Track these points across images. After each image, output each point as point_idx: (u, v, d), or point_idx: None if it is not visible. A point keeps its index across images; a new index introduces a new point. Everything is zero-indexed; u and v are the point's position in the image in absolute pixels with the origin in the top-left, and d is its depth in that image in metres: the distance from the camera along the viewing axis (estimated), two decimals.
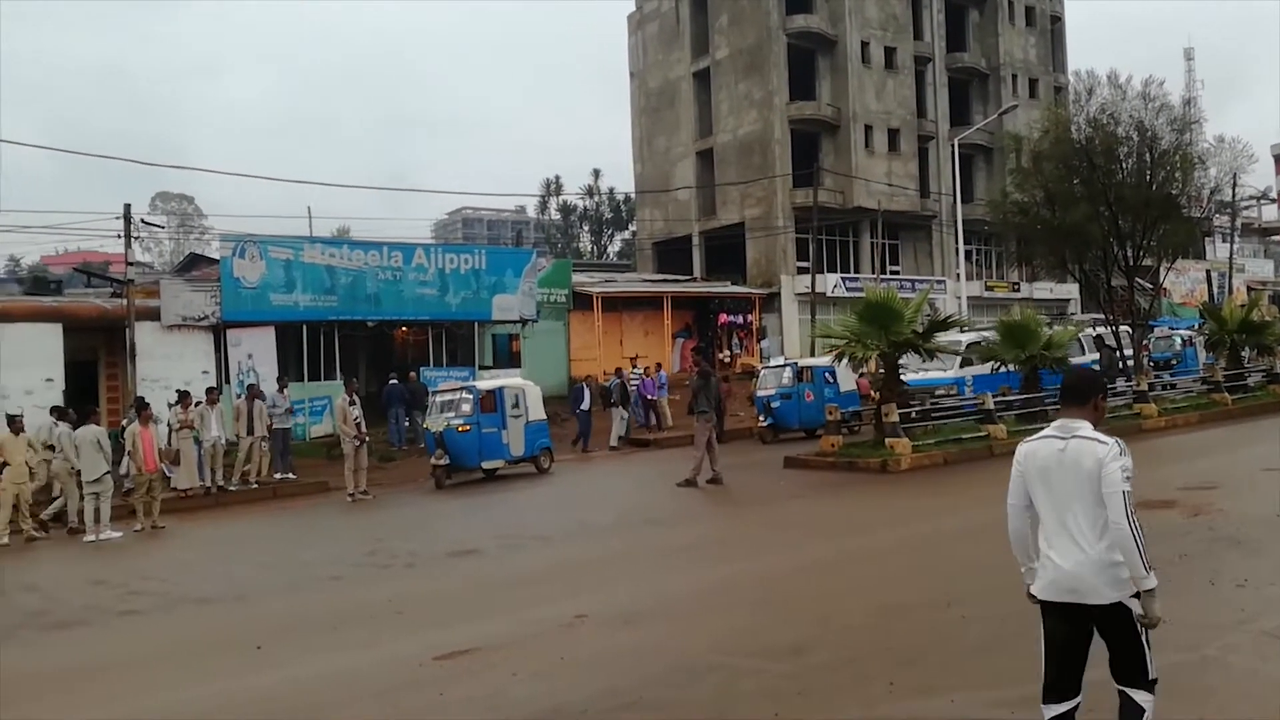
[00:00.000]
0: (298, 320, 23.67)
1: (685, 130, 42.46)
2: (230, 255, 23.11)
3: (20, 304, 22.59)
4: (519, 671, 6.03)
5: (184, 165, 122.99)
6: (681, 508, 13.18)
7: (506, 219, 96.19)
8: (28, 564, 12.49)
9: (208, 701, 6.02)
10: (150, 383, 21.15)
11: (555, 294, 30.71)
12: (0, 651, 7.78)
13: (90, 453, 13.83)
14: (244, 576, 10.44)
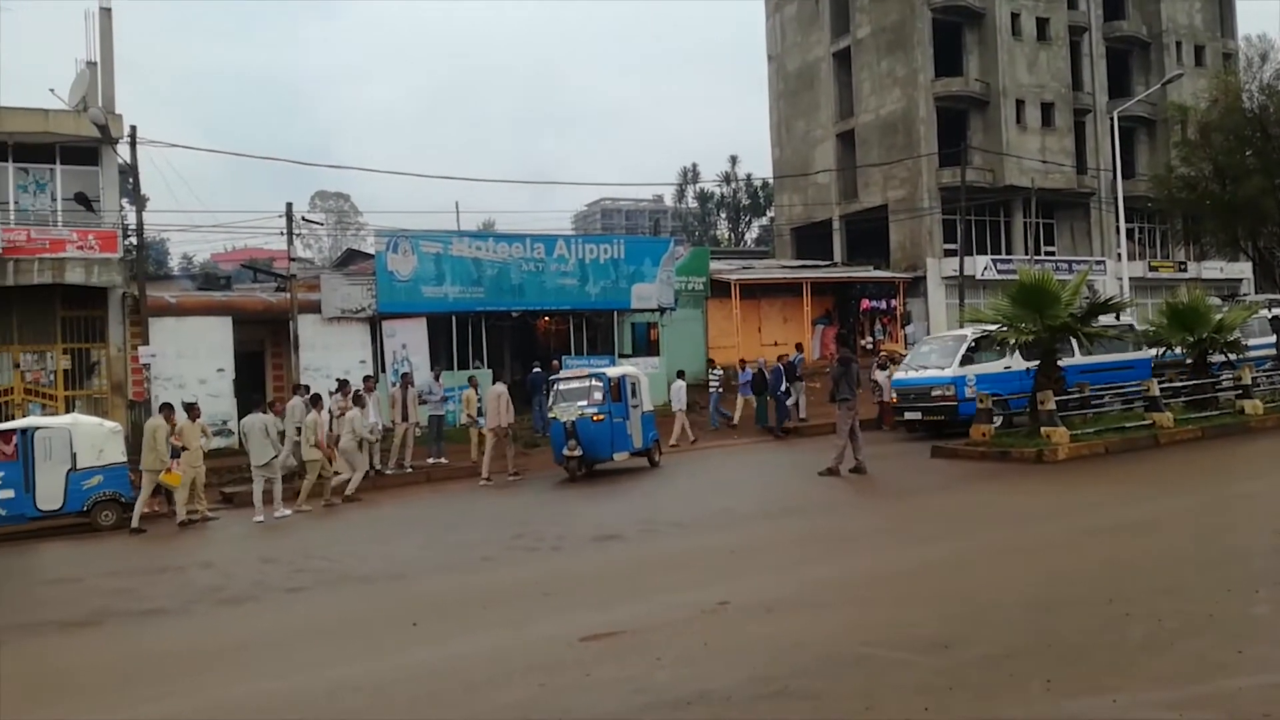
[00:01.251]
0: (447, 311, 24.50)
1: (825, 112, 41.73)
2: (384, 250, 24.10)
3: (194, 299, 24.22)
4: (663, 656, 6.10)
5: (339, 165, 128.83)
6: (823, 497, 13.01)
7: (644, 208, 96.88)
8: (205, 542, 13.42)
9: (373, 676, 6.32)
10: (312, 372, 22.33)
11: (693, 282, 30.74)
12: (178, 624, 8.40)
13: (259, 439, 14.79)
14: (401, 556, 10.91)
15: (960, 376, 18.79)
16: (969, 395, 18.12)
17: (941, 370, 19.20)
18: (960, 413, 18.40)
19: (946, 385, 18.94)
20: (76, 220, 21.14)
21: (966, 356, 18.96)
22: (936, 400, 19.01)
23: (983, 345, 18.86)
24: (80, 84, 22.25)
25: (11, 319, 20.85)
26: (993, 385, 18.29)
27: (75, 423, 15.58)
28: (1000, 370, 18.97)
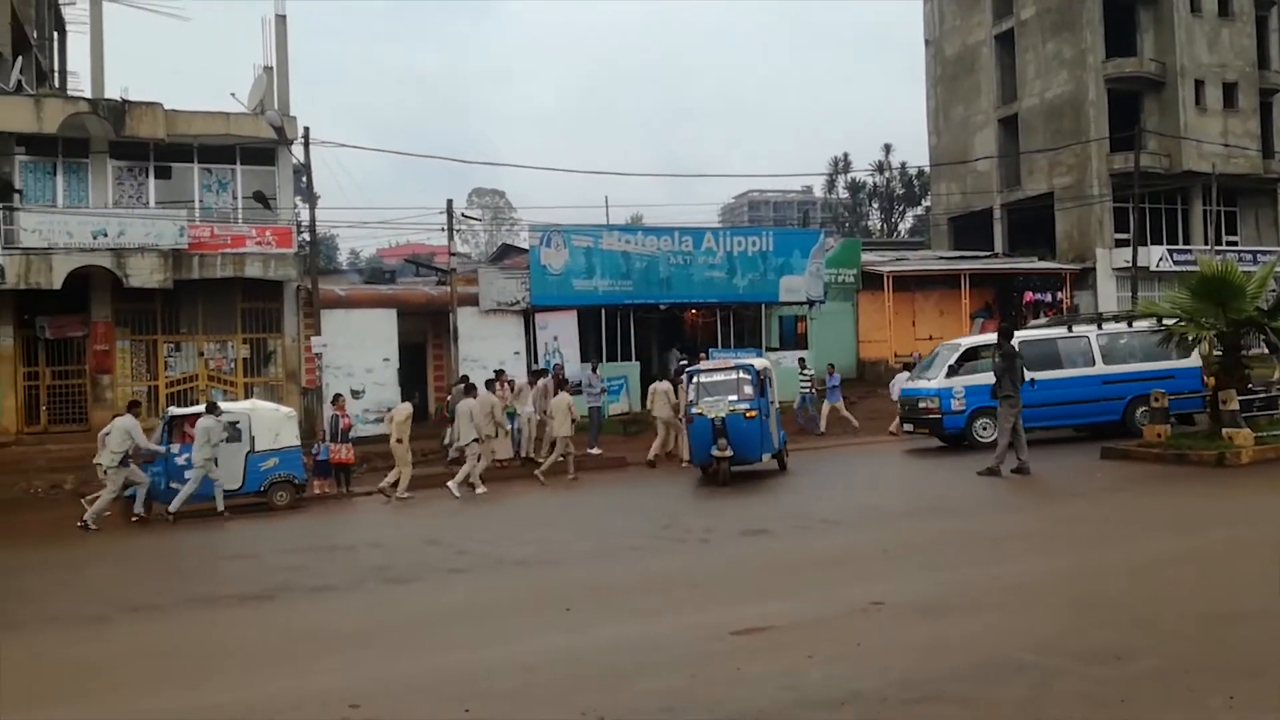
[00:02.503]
0: (597, 304, 24.89)
1: (986, 97, 40.15)
2: (538, 244, 24.70)
3: (362, 292, 25.47)
4: (815, 653, 6.01)
5: (495, 162, 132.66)
6: (982, 497, 12.54)
7: (792, 200, 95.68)
8: (373, 523, 14.12)
9: (527, 657, 6.49)
10: (470, 362, 23.11)
11: (844, 274, 30.19)
12: (347, 600, 8.85)
13: (464, 422, 16.10)
14: (555, 542, 11.18)
15: (946, 389, 17.61)
16: (955, 408, 17.35)
17: (929, 381, 18.17)
18: (945, 426, 17.57)
19: (931, 397, 17.87)
20: (255, 217, 22.53)
21: (955, 367, 17.76)
22: (923, 412, 18.00)
23: (981, 354, 17.65)
24: (258, 88, 23.70)
25: (197, 311, 22.42)
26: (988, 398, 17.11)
27: (254, 408, 16.62)
28: None
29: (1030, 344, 17.65)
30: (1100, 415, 17.45)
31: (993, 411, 16.67)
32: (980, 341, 18.58)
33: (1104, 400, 17.36)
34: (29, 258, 19.83)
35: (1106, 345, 17.72)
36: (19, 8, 24.27)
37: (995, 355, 14.61)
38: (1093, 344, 17.53)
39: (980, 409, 17.02)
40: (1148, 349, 17.35)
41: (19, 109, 20.66)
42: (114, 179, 21.95)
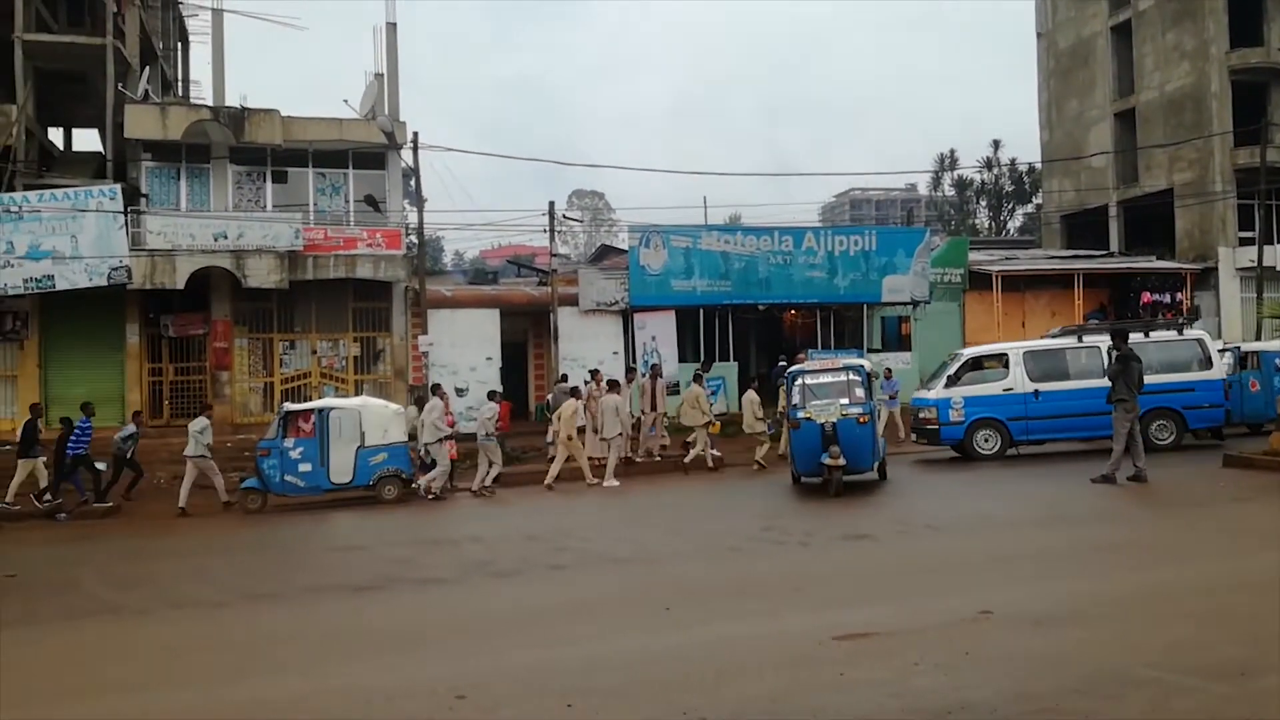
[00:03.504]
0: (695, 304, 24.88)
1: (1101, 91, 38.68)
2: (637, 245, 24.83)
3: (467, 293, 26.01)
4: (921, 661, 5.89)
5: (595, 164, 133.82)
6: (1097, 506, 12.08)
7: (896, 198, 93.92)
8: (475, 517, 14.41)
9: (626, 654, 6.55)
10: (569, 361, 23.38)
11: (950, 274, 29.47)
12: (452, 593, 9.06)
13: (610, 416, 17.05)
14: (654, 541, 11.22)
15: (944, 399, 17.32)
16: (953, 419, 17.12)
17: (929, 391, 17.91)
18: (943, 437, 17.36)
19: (929, 407, 17.57)
20: (365, 220, 23.22)
21: (955, 377, 17.54)
22: (923, 423, 17.77)
23: (985, 365, 17.51)
24: (369, 94, 24.42)
25: (310, 310, 23.23)
26: (990, 408, 17.00)
27: (364, 404, 17.14)
28: (999, 392, 17.21)
29: (1037, 355, 17.54)
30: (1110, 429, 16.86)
31: (994, 424, 16.94)
32: (985, 352, 18.48)
33: None
34: (154, 259, 20.84)
35: None
36: (146, 20, 25.54)
37: (1110, 358, 14.07)
38: (1103, 354, 16.83)
39: (981, 420, 17.04)
40: (1166, 360, 16.90)
41: (146, 117, 21.74)
42: (234, 183, 22.91)
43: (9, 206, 20.16)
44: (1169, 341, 17.18)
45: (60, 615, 8.84)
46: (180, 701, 6.12)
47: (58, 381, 21.65)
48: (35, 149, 22.59)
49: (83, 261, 20.24)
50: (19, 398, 21.09)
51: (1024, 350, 17.72)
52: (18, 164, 21.05)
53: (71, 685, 6.65)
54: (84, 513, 16.13)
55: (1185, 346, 17.44)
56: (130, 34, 23.70)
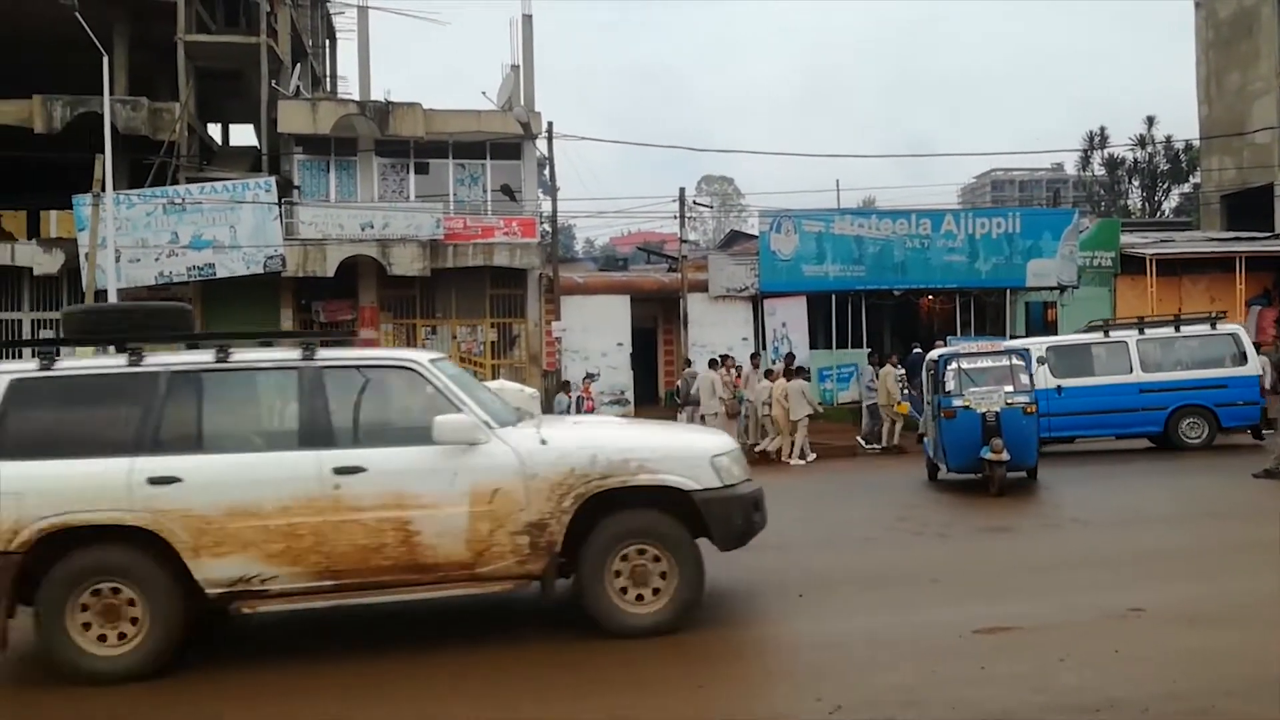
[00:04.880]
0: (827, 290, 24.53)
1: (1266, 62, 36.10)
2: (767, 230, 24.64)
3: (598, 279, 26.36)
4: (1067, 657, 5.71)
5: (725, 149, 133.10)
6: (1257, 502, 11.37)
7: (1041, 178, 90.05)
8: None
9: (762, 641, 6.58)
10: (699, 348, 23.44)
11: (1100, 257, 28.13)
12: None
13: (798, 399, 17.39)
14: (783, 528, 11.13)
15: None
16: None
17: None
18: None
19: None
20: (502, 209, 23.81)
21: None
22: None
23: None
24: (506, 86, 24.98)
25: (451, 297, 24.00)
26: None
27: (501, 388, 17.40)
28: None
29: (1060, 350, 16.86)
30: (1138, 426, 16.44)
31: None
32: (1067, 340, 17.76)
33: (1142, 410, 16.13)
34: (306, 248, 21.91)
35: (1146, 351, 16.46)
36: (297, 19, 26.78)
37: (1276, 344, 13.22)
38: (1130, 350, 16.28)
39: None
40: (1198, 356, 16.25)
41: (298, 112, 22.83)
42: (379, 175, 23.84)
43: (174, 199, 21.53)
44: (1202, 336, 16.43)
45: None
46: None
47: None
48: (196, 144, 24.01)
49: (241, 250, 21.45)
50: None
51: (1047, 345, 17.20)
52: (181, 158, 22.42)
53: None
54: None
55: (1219, 342, 16.57)
56: (282, 33, 24.90)
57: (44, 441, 6.14)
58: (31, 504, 5.87)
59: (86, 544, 5.97)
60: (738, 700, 5.53)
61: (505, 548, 6.22)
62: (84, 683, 5.91)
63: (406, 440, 6.39)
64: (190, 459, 6.12)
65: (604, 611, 6.40)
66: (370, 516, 6.10)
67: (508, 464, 6.26)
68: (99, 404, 6.28)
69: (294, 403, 6.37)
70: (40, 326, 22.70)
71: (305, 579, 6.12)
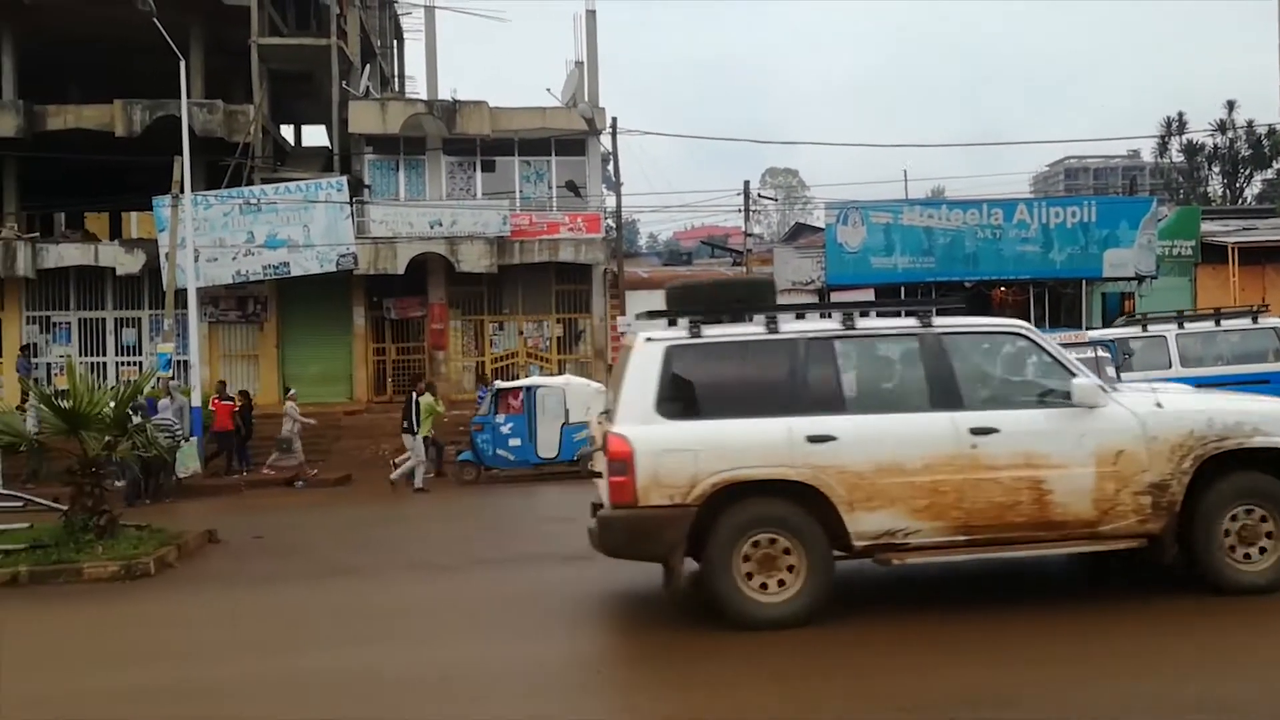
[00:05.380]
0: (896, 282, 24.20)
1: None
2: (834, 222, 24.38)
3: (663, 274, 26.35)
4: None
5: (791, 141, 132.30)
6: None
7: (1116, 166, 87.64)
8: None
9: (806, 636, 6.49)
10: None
11: (1179, 246, 27.29)
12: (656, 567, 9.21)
13: None
14: None
15: None
16: None
17: None
18: None
19: None
20: (566, 205, 23.93)
21: None
22: None
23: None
24: (570, 82, 25.07)
25: (517, 293, 24.20)
26: None
27: (568, 383, 17.73)
28: None
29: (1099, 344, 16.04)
30: None
31: None
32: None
33: None
34: (377, 246, 22.27)
35: (1186, 346, 15.73)
36: (365, 20, 27.21)
37: None
38: (1170, 344, 15.61)
39: None
40: (1241, 351, 15.46)
41: (367, 112, 23.21)
42: (446, 173, 24.12)
43: (249, 199, 22.04)
44: (1242, 331, 15.62)
45: (303, 575, 9.62)
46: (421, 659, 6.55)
47: (293, 360, 23.55)
48: (270, 145, 24.56)
49: (314, 249, 21.88)
50: (260, 376, 23.08)
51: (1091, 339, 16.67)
52: (256, 159, 22.95)
53: (314, 637, 7.24)
54: (318, 480, 17.49)
55: (1260, 336, 15.75)
56: (351, 34, 25.32)
57: (704, 402, 6.58)
58: (706, 460, 6.27)
59: (748, 498, 6.35)
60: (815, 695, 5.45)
61: (1128, 507, 6.42)
62: (748, 628, 6.25)
63: (1023, 402, 6.78)
64: (841, 419, 6.43)
65: (1217, 570, 6.51)
66: (1006, 475, 6.38)
67: (1129, 426, 6.48)
68: (747, 367, 6.74)
69: (920, 367, 6.69)
70: (123, 325, 23.45)
71: (943, 534, 6.40)
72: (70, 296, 23.31)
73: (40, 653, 7.26)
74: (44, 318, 23.30)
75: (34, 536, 10.31)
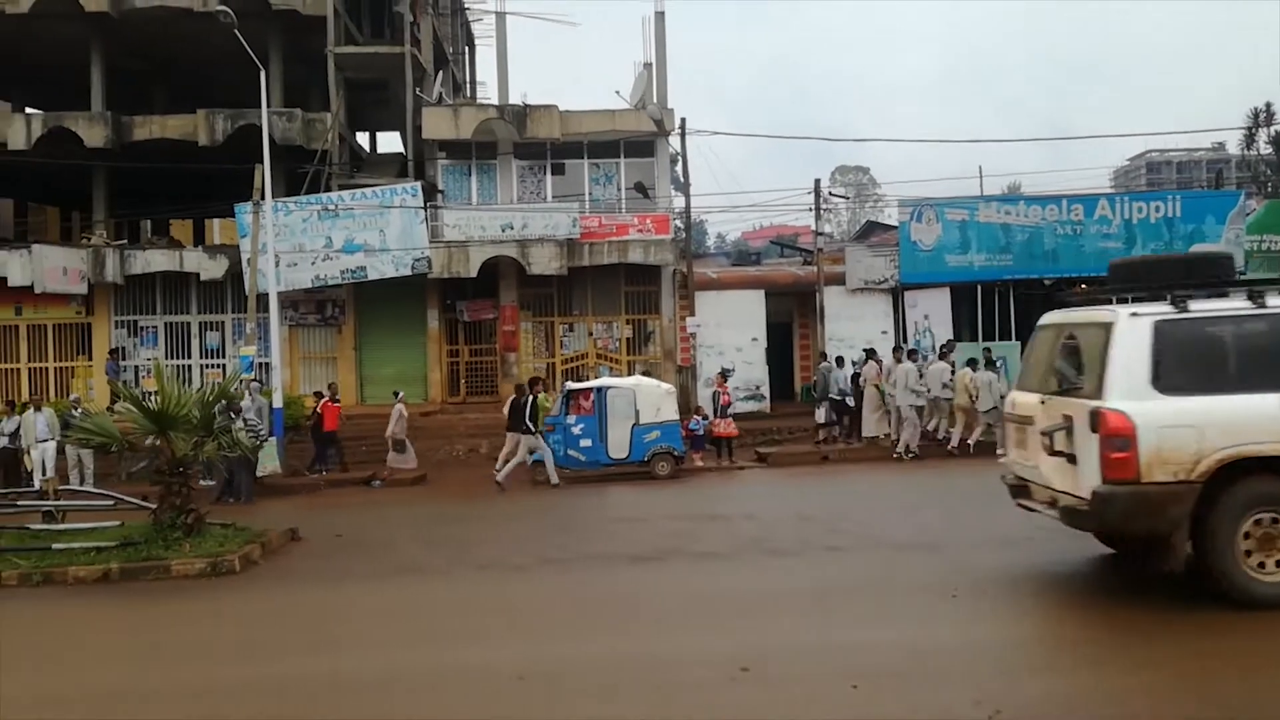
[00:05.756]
0: (972, 280, 23.74)
1: None
2: (907, 220, 24.00)
3: (732, 274, 26.23)
4: None
5: (862, 138, 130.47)
6: None
7: (1200, 159, 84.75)
8: (748, 495, 14.57)
9: (915, 641, 6.40)
10: (836, 342, 23.04)
11: (1268, 241, 26.24)
12: (729, 568, 9.21)
13: (985, 392, 17.38)
14: (933, 526, 10.86)
15: None
16: None
17: None
18: None
19: None
20: (635, 206, 23.97)
21: None
22: None
23: None
24: (639, 84, 25.10)
25: (587, 294, 24.31)
26: None
27: (638, 384, 17.77)
28: None
29: None
30: None
31: None
32: None
33: None
34: (450, 250, 22.59)
35: None
36: (438, 28, 27.60)
37: None
38: None
39: None
40: None
41: (440, 118, 23.55)
42: (517, 177, 24.35)
43: (327, 205, 22.54)
44: None
45: (387, 571, 9.81)
46: (506, 654, 6.64)
47: (370, 362, 24.03)
48: (346, 152, 25.05)
49: (389, 253, 22.28)
50: (338, 377, 23.57)
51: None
52: (333, 166, 23.46)
53: (404, 635, 7.39)
54: (394, 480, 17.80)
55: None
56: (425, 42, 25.71)
57: (1199, 377, 6.64)
58: (1211, 436, 6.37)
59: (1251, 475, 6.42)
60: (894, 698, 5.38)
61: None
62: (1248, 607, 6.35)
63: None
64: None
65: None
66: None
67: None
68: (1238, 342, 6.74)
69: None
70: (207, 329, 24.17)
71: None
72: (157, 301, 24.10)
73: (134, 647, 7.53)
74: (131, 322, 24.13)
75: (124, 534, 10.70)
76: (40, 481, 16.53)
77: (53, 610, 8.92)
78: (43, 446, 17.30)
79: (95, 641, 7.81)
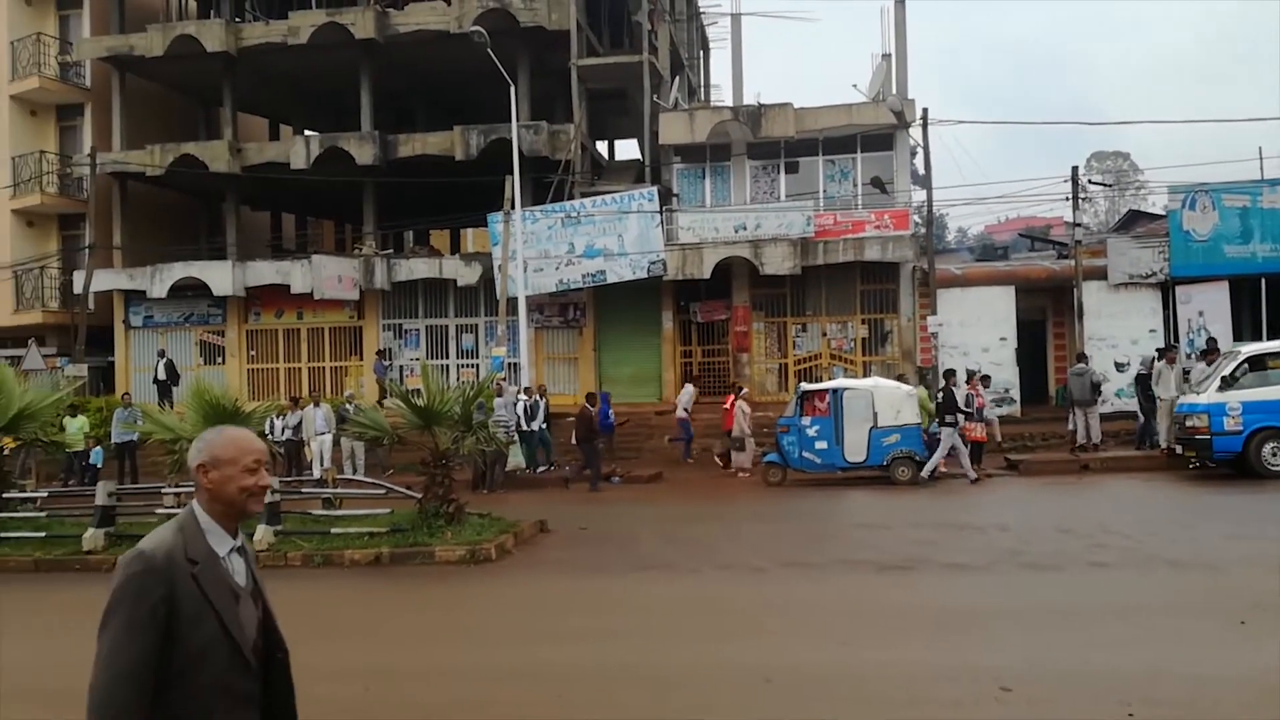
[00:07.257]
0: (1254, 273, 21.42)
1: None
2: (1178, 208, 22.01)
3: (978, 270, 25.00)
4: None
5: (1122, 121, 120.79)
6: None
7: None
8: (998, 503, 13.87)
9: (1198, 666, 5.87)
10: (1096, 341, 21.48)
11: None
12: (981, 580, 8.76)
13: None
14: (1208, 542, 9.92)
15: (1218, 404, 14.84)
16: (1229, 428, 14.68)
17: (1198, 395, 15.48)
18: (1215, 449, 14.86)
19: (1200, 414, 15.13)
20: (872, 202, 23.34)
21: (1233, 378, 15.03)
22: (1190, 432, 15.32)
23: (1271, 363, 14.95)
24: (878, 76, 24.45)
25: (820, 293, 23.93)
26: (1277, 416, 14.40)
27: (876, 386, 17.29)
28: None
29: None
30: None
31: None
32: (1271, 349, 15.55)
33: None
34: (684, 252, 22.91)
35: None
36: (674, 34, 28.07)
37: None
38: None
39: (1266, 430, 14.59)
40: None
41: (676, 123, 23.93)
42: (750, 177, 24.34)
43: (570, 213, 23.45)
44: None
45: (630, 566, 10.07)
46: (751, 655, 6.66)
47: (608, 363, 24.78)
48: (588, 161, 25.97)
49: (627, 257, 22.89)
50: (578, 376, 24.48)
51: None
52: (576, 175, 24.37)
53: (651, 629, 7.56)
54: (632, 477, 18.25)
55: None
56: (661, 49, 26.23)
57: None
58: None
59: None
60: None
61: None
62: None
63: None
64: None
65: None
66: None
67: None
68: None
69: None
70: (462, 331, 25.79)
71: None
72: (419, 305, 25.96)
73: (406, 628, 8.13)
74: (396, 325, 26.12)
75: (393, 521, 11.58)
76: (320, 471, 18.20)
77: (333, 591, 9.77)
78: (321, 439, 19.07)
79: (372, 620, 8.49)
